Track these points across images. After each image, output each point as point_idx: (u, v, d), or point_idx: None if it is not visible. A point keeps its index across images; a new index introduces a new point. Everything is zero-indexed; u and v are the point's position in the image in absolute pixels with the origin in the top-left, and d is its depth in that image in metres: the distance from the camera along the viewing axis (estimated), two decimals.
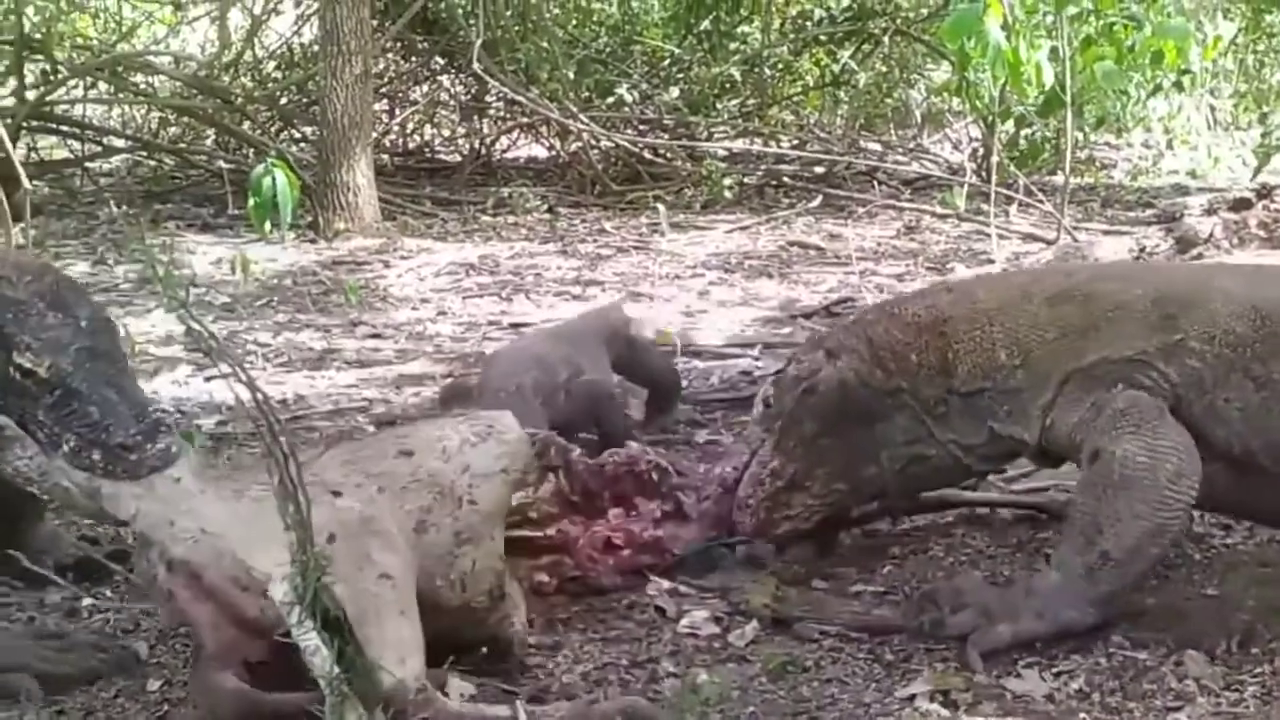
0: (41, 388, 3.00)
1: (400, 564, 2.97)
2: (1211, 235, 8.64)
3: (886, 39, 13.00)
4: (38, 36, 11.52)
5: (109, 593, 3.75)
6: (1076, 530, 3.37)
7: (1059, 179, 9.95)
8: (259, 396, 2.95)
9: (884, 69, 13.60)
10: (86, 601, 3.69)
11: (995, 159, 9.90)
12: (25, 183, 7.43)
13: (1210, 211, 9.53)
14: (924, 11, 12.90)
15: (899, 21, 12.85)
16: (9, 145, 8.43)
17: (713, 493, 3.90)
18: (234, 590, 2.90)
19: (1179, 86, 11.35)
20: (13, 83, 11.06)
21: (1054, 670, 3.23)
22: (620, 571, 3.73)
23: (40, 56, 11.38)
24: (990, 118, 10.42)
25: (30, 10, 11.68)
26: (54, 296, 3.14)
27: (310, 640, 2.86)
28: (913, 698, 3.13)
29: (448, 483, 3.21)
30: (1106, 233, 9.43)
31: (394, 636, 2.83)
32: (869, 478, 3.83)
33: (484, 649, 3.22)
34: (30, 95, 10.94)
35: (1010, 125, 10.76)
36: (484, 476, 3.26)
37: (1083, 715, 3.05)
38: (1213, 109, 13.26)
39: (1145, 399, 3.40)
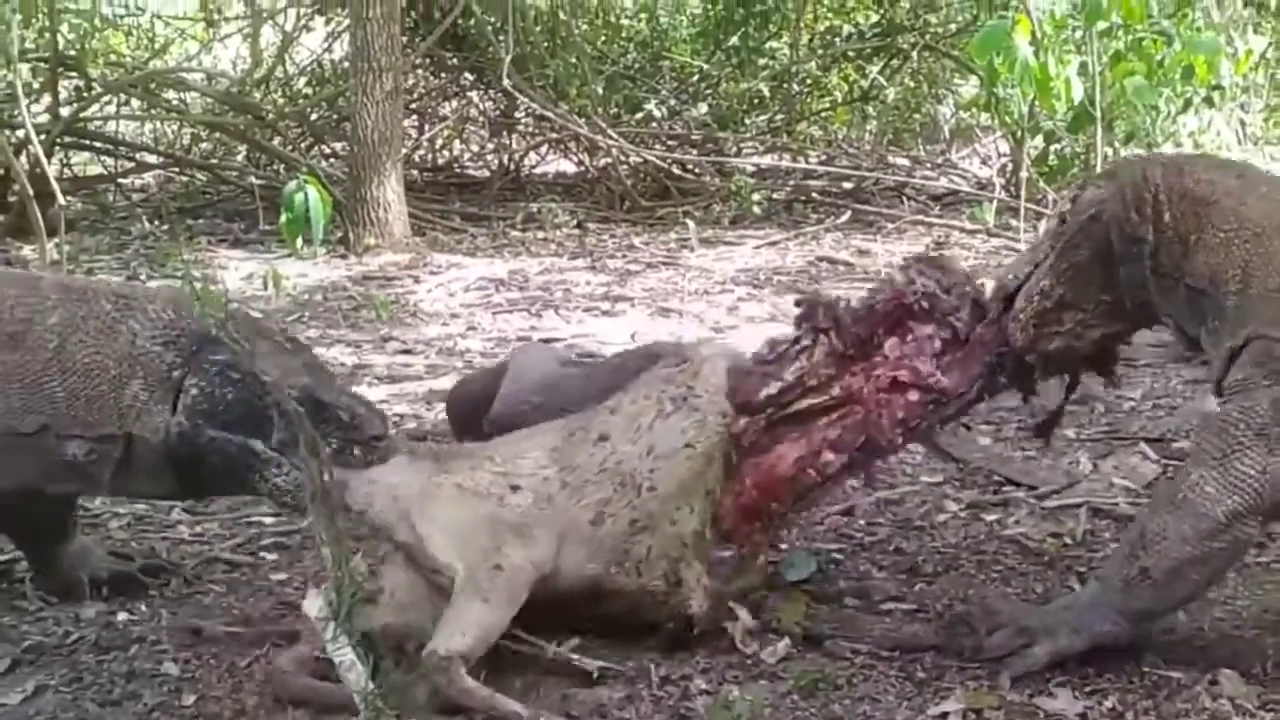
0: (306, 407, 3.24)
1: (521, 562, 3.21)
2: None
3: (915, 54, 13.02)
4: (72, 54, 11.63)
5: (144, 607, 3.77)
6: (1125, 541, 3.32)
7: None
8: (292, 409, 2.99)
9: (912, 84, 13.61)
10: (122, 616, 3.71)
11: (1024, 174, 9.89)
12: (60, 198, 7.49)
13: None
14: (953, 27, 12.92)
15: (928, 37, 12.87)
16: (44, 161, 8.52)
17: (993, 311, 3.65)
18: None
19: (1209, 102, 11.29)
20: (47, 99, 11.16)
21: (1087, 689, 3.21)
22: (909, 421, 3.57)
23: (74, 73, 11.49)
24: (1019, 133, 10.41)
25: (65, 28, 11.78)
26: (255, 326, 3.54)
27: (345, 655, 2.89)
28: (945, 716, 3.12)
29: (629, 470, 3.36)
30: None
31: (463, 616, 3.09)
32: (1106, 308, 3.59)
33: (669, 625, 3.42)
34: (64, 112, 11.04)
35: (1039, 140, 10.74)
36: (666, 457, 3.38)
37: None
38: (1243, 124, 13.19)
39: (1263, 408, 3.17)
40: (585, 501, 3.33)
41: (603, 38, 13.57)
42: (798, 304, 3.66)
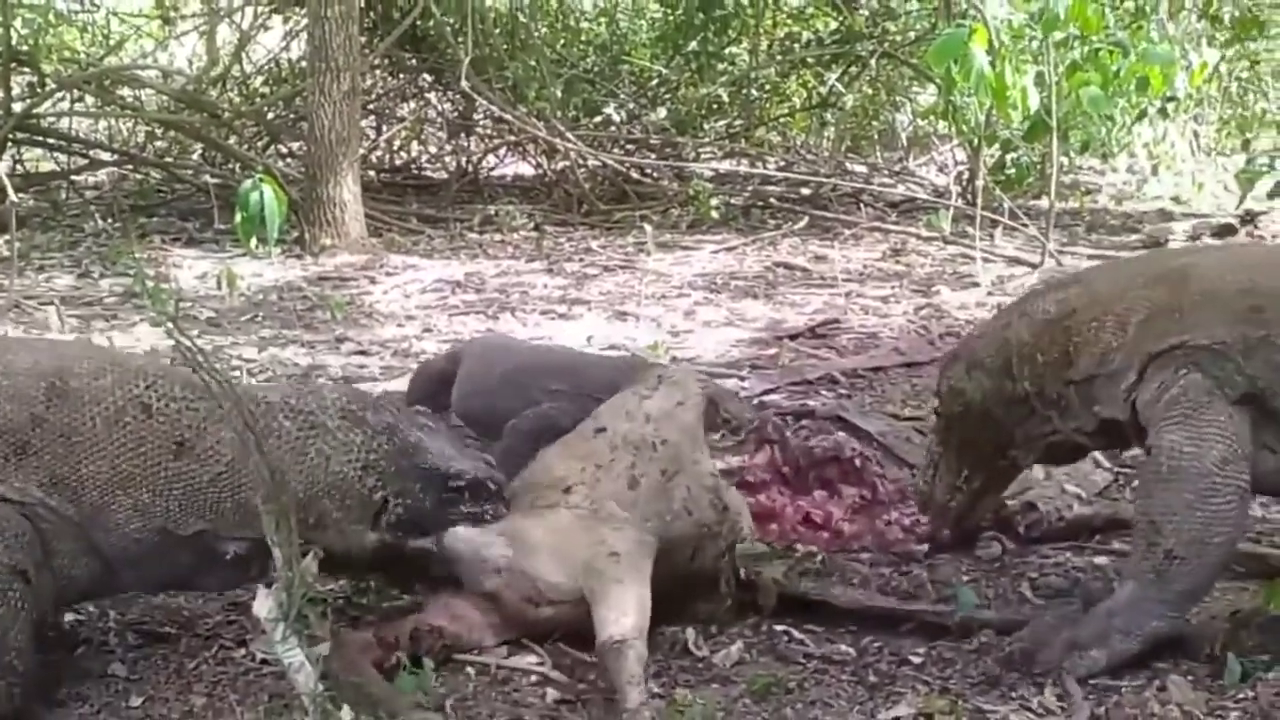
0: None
1: (628, 541, 3.44)
2: None
3: (874, 62, 13.06)
4: (25, 49, 11.51)
5: (91, 608, 3.73)
6: (1139, 535, 3.37)
7: (1044, 203, 10.00)
8: (245, 413, 2.97)
9: (871, 92, 13.66)
10: (69, 617, 3.66)
11: (981, 182, 9.95)
12: (10, 195, 7.41)
13: (1194, 237, 9.59)
14: (911, 35, 12.97)
15: (886, 45, 12.92)
16: None
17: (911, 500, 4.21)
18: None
19: (1164, 113, 11.43)
20: (0, 94, 11.04)
21: (1036, 697, 3.23)
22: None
23: (27, 69, 11.38)
24: (976, 141, 10.47)
25: (18, 22, 11.66)
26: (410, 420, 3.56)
27: (295, 657, 2.87)
28: None
29: (638, 437, 3.63)
30: (1091, 257, 9.45)
31: (613, 604, 3.27)
32: (1016, 468, 4.01)
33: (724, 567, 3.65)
34: (17, 107, 10.92)
35: (996, 149, 10.81)
36: (664, 417, 3.70)
37: None
38: (1197, 135, 13.34)
39: (1198, 383, 3.36)
40: (616, 472, 3.55)
41: (562, 41, 13.56)
42: (751, 420, 4.31)
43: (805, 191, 11.96)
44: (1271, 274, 3.54)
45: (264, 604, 2.95)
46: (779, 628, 3.62)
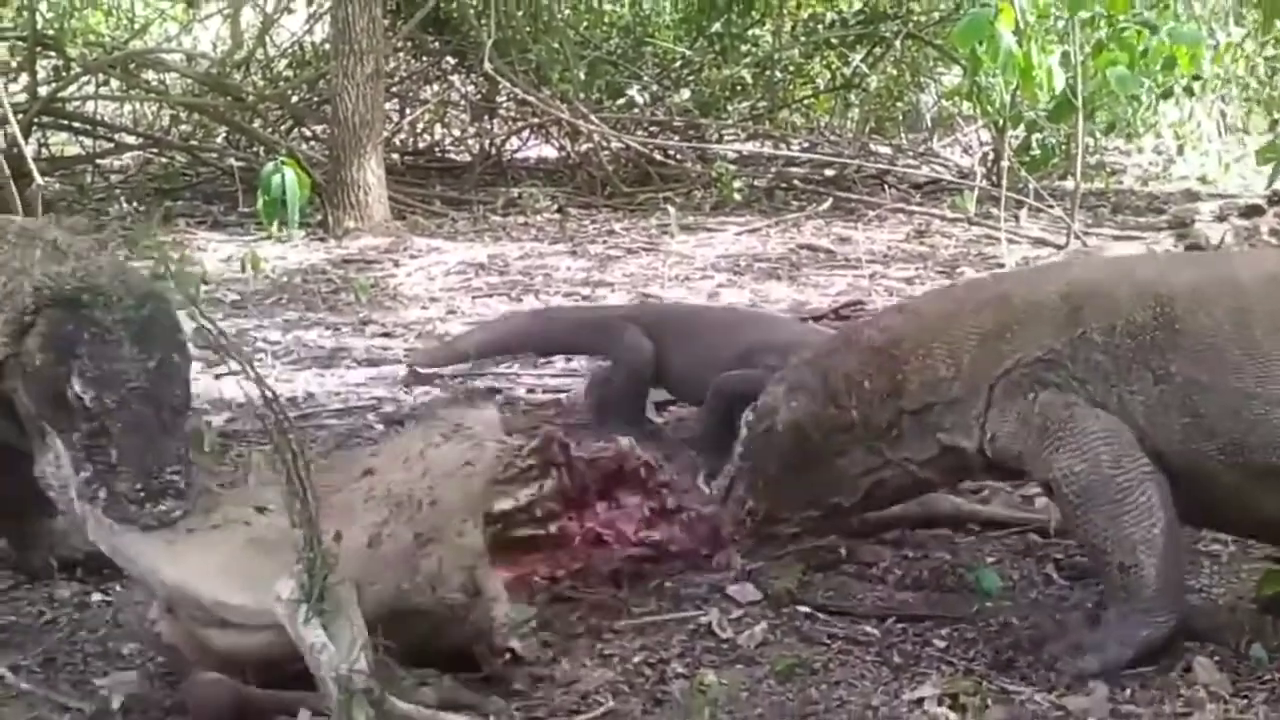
0: (81, 416, 3.07)
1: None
2: (1223, 241, 8.64)
3: (898, 42, 13.01)
4: (51, 33, 11.55)
5: (118, 587, 3.75)
6: (1093, 564, 3.40)
7: (1069, 184, 9.95)
8: (268, 394, 2.97)
9: (895, 73, 13.61)
10: (96, 597, 3.70)
11: (1006, 163, 9.89)
12: (37, 178, 7.44)
13: (1221, 218, 9.52)
14: (936, 15, 12.91)
15: (910, 25, 12.86)
16: (21, 141, 8.46)
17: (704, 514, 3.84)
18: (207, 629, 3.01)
19: (1190, 92, 11.34)
20: (25, 78, 11.08)
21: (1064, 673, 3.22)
22: (614, 570, 3.67)
23: (53, 53, 11.41)
24: (1001, 122, 10.41)
25: (44, 6, 11.70)
26: (140, 329, 3.16)
27: (317, 637, 2.87)
28: (921, 701, 3.13)
29: (404, 492, 3.17)
30: (1117, 238, 9.42)
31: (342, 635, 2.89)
32: (834, 505, 3.82)
33: (476, 654, 3.20)
34: (43, 91, 10.96)
35: (1021, 130, 10.75)
36: (446, 475, 3.23)
37: None
38: (1224, 115, 13.25)
39: (1051, 401, 3.36)
40: (362, 524, 3.09)
41: (585, 23, 13.53)
42: (533, 439, 3.62)
43: (829, 173, 11.93)
44: (1087, 273, 3.61)
45: (286, 585, 2.96)
46: (803, 609, 3.61)
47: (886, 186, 11.56)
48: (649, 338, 5.23)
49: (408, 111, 13.11)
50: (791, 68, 13.43)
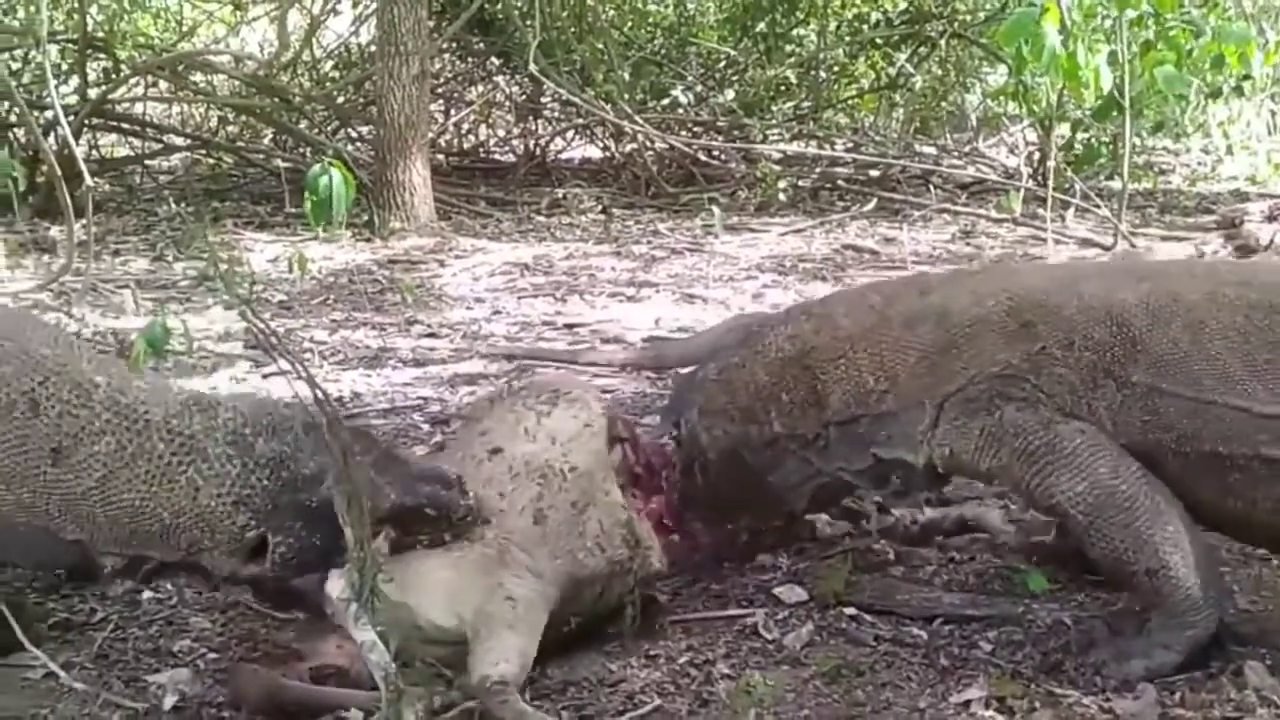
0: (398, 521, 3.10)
1: (527, 589, 3.10)
2: (1272, 242, 8.56)
3: (943, 42, 12.96)
4: (100, 35, 11.66)
5: (169, 585, 3.79)
6: (1117, 578, 3.36)
7: (1116, 184, 9.89)
8: (318, 393, 2.99)
9: (940, 72, 13.55)
10: (146, 595, 3.73)
11: (1052, 163, 9.84)
12: (88, 179, 7.51)
13: (1271, 218, 9.43)
14: (981, 15, 12.86)
15: (956, 25, 12.81)
16: (72, 142, 8.53)
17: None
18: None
19: (1239, 91, 11.24)
20: (76, 81, 11.20)
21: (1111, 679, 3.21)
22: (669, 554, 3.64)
23: (103, 55, 11.53)
24: (1047, 122, 10.36)
25: (94, 9, 11.82)
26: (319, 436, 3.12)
27: (367, 636, 2.89)
28: (968, 703, 3.12)
29: (542, 462, 3.31)
30: (1164, 238, 9.36)
31: (499, 645, 2.97)
32: (780, 511, 3.85)
33: (631, 601, 3.35)
34: (93, 93, 11.07)
35: (1067, 129, 10.69)
36: (572, 440, 3.38)
37: None
38: (1273, 114, 13.13)
39: (1027, 422, 3.32)
40: (520, 507, 3.24)
41: (629, 23, 13.55)
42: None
43: (874, 173, 11.90)
44: (1026, 286, 3.52)
45: (336, 584, 2.98)
46: (849, 610, 3.61)
47: (931, 187, 11.51)
48: None
49: (453, 112, 13.19)
50: (836, 68, 13.41)
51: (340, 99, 12.41)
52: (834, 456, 3.62)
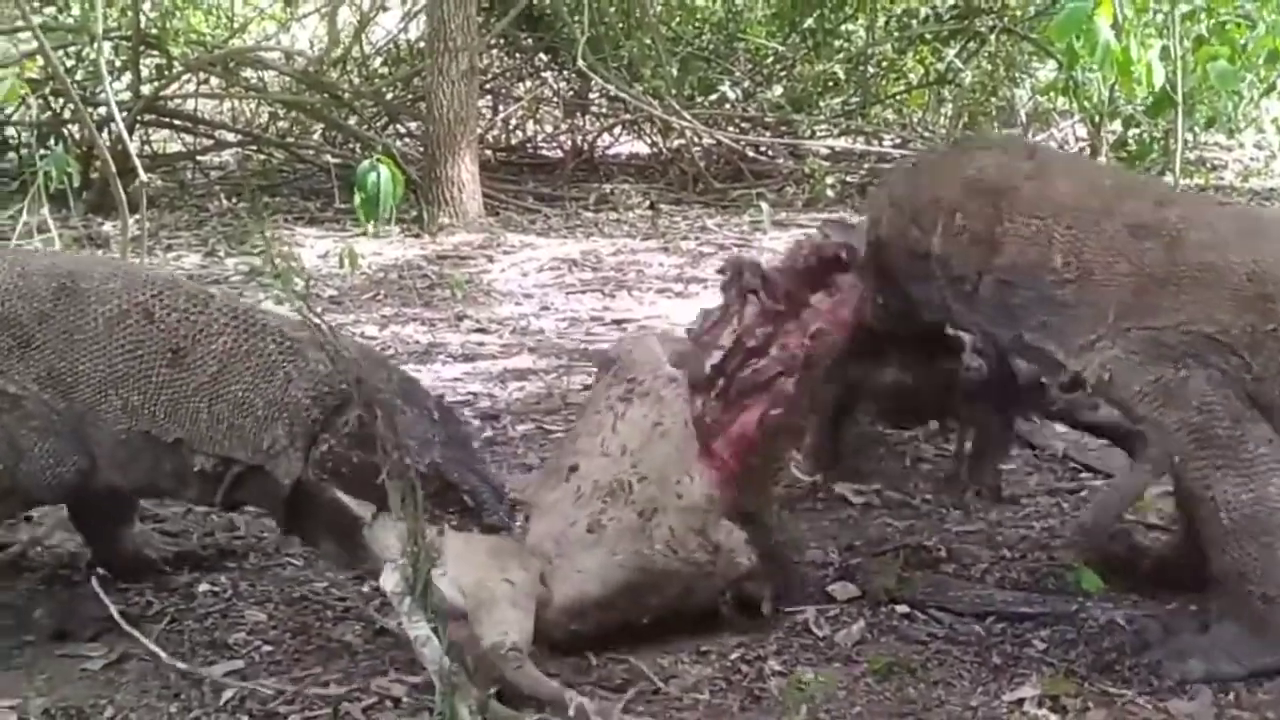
0: (427, 484, 3.08)
1: (525, 576, 3.17)
2: None
3: (993, 37, 12.87)
4: (153, 32, 11.77)
5: (224, 579, 3.83)
6: (1226, 583, 3.16)
7: (1168, 179, 9.80)
8: (368, 387, 3.00)
9: (989, 67, 13.47)
10: (203, 587, 3.77)
11: (1103, 159, 9.77)
12: (141, 175, 7.57)
13: None
14: (1031, 9, 12.76)
15: (1006, 19, 12.73)
16: (126, 138, 8.61)
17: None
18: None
19: None
20: (129, 77, 11.30)
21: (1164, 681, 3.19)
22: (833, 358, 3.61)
23: (156, 52, 11.62)
24: (1098, 117, 10.29)
25: (147, 6, 11.93)
26: (405, 391, 3.37)
27: (420, 630, 2.90)
28: (1021, 702, 3.11)
29: (610, 479, 3.34)
30: None
31: (499, 618, 3.03)
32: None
33: (725, 602, 3.40)
34: (146, 89, 11.18)
35: (1118, 125, 10.61)
36: (643, 447, 3.36)
37: None
38: None
39: (1222, 407, 3.04)
40: (576, 520, 3.31)
41: (677, 18, 13.53)
42: (721, 270, 3.69)
43: None
44: (1277, 255, 3.18)
45: (390, 578, 2.99)
46: (901, 608, 3.60)
47: None
48: None
49: (501, 108, 13.22)
50: (884, 63, 13.35)
51: (389, 95, 12.46)
52: (975, 307, 3.37)
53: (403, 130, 12.36)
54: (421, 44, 11.58)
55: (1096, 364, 3.19)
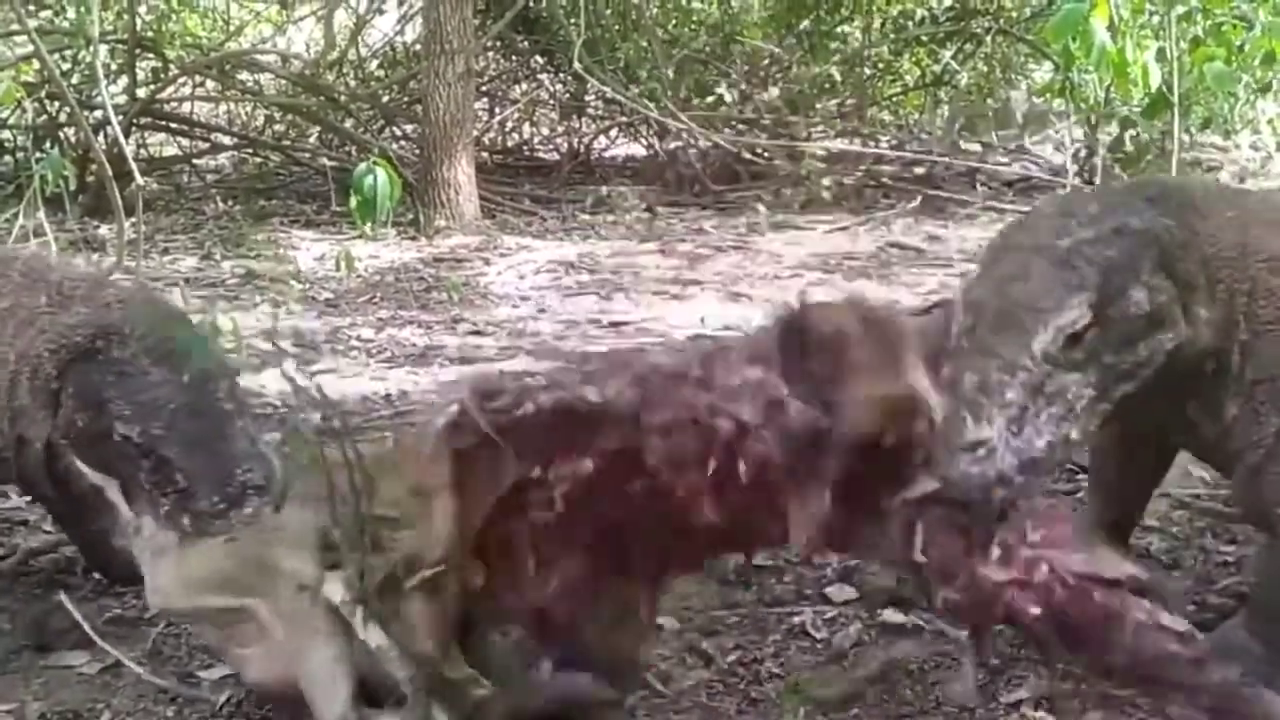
0: (137, 455, 2.99)
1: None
2: None
3: (989, 39, 12.89)
4: (149, 35, 11.76)
5: None
6: (1260, 600, 3.05)
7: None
8: (319, 395, 2.86)
9: (986, 69, 13.48)
10: None
11: (1099, 160, 9.77)
12: (137, 178, 7.56)
13: None
14: (1027, 11, 12.78)
15: (1002, 21, 12.74)
16: (122, 141, 8.60)
17: None
18: None
19: None
20: (125, 80, 11.30)
21: None
22: None
23: (152, 55, 11.62)
24: (1094, 119, 10.29)
25: (143, 9, 11.92)
26: (162, 351, 3.10)
27: (379, 640, 2.62)
28: (1018, 704, 3.10)
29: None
30: None
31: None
32: None
33: None
34: (142, 93, 11.17)
35: (1114, 126, 10.61)
36: None
37: None
38: None
39: None
40: None
41: (674, 21, 13.54)
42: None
43: (919, 171, 11.84)
44: None
45: (335, 588, 2.67)
46: (898, 611, 3.59)
47: (977, 184, 11.45)
48: None
49: (497, 111, 13.23)
50: (881, 65, 13.36)
51: (385, 98, 12.46)
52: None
53: (399, 133, 12.37)
54: (418, 47, 11.58)
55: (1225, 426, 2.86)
